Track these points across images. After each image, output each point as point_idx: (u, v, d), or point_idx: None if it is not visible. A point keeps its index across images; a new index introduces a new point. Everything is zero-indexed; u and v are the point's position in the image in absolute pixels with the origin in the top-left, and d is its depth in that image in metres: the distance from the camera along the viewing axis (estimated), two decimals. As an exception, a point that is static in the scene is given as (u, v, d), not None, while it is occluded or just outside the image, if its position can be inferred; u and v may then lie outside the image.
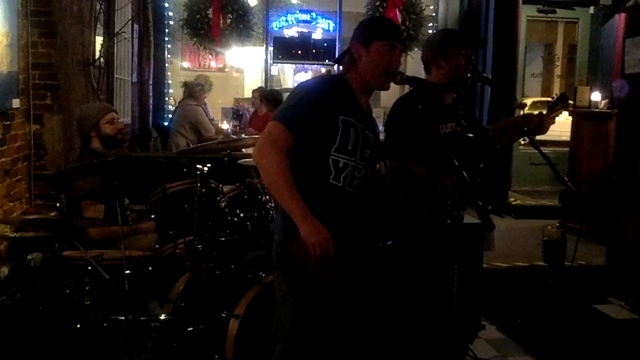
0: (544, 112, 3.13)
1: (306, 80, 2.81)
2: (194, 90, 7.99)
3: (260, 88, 9.05)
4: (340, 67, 2.78)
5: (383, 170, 2.88)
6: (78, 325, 3.22)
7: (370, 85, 2.68)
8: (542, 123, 3.08)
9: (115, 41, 6.61)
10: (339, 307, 2.57)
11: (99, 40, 5.98)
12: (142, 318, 3.26)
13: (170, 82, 9.79)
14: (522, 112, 3.23)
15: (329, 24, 10.44)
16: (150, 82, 8.70)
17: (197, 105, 7.87)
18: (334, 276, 2.48)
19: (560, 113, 3.13)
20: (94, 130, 3.98)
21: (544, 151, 3.00)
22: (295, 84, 3.55)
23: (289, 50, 9.15)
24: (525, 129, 3.00)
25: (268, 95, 7.76)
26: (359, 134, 2.58)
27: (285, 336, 2.59)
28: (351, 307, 2.66)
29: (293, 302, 2.55)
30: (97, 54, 5.83)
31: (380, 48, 2.59)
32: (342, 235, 2.49)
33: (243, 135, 6.78)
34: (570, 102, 3.24)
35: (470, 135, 3.16)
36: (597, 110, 7.49)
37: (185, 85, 8.30)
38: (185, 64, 15.24)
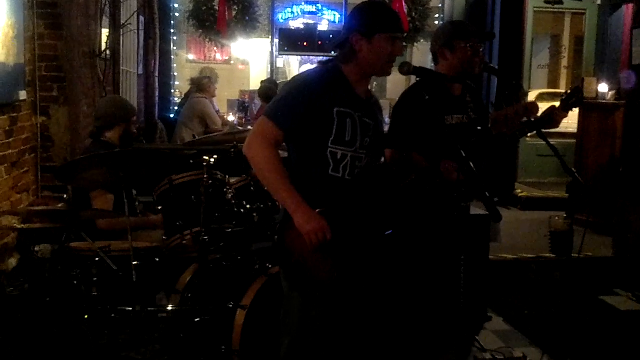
0: (557, 104, 3.08)
1: (301, 73, 2.78)
2: (201, 84, 8.00)
3: (268, 79, 9.06)
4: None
5: (387, 159, 2.88)
6: (86, 316, 3.23)
7: (372, 74, 2.66)
8: (554, 116, 3.03)
9: (121, 33, 6.61)
10: (342, 297, 2.57)
11: (105, 32, 5.99)
12: (149, 309, 3.28)
13: (175, 74, 9.82)
14: (524, 101, 3.18)
15: (334, 15, 10.41)
16: (156, 74, 8.72)
17: (205, 98, 7.88)
18: (332, 265, 2.48)
19: (575, 106, 3.06)
20: (125, 122, 4.01)
21: (550, 142, 2.97)
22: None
23: (294, 42, 9.14)
24: (526, 119, 2.97)
25: (262, 92, 7.96)
26: (357, 123, 2.55)
27: (293, 329, 2.59)
28: (355, 297, 2.66)
29: (299, 295, 2.56)
30: (103, 46, 5.84)
31: (383, 40, 2.54)
32: (341, 224, 2.49)
33: (249, 127, 6.79)
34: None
35: (479, 127, 3.15)
36: (604, 101, 7.47)
37: (192, 81, 8.32)
38: (191, 56, 15.20)
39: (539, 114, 3.05)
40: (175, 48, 9.95)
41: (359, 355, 2.85)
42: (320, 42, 9.01)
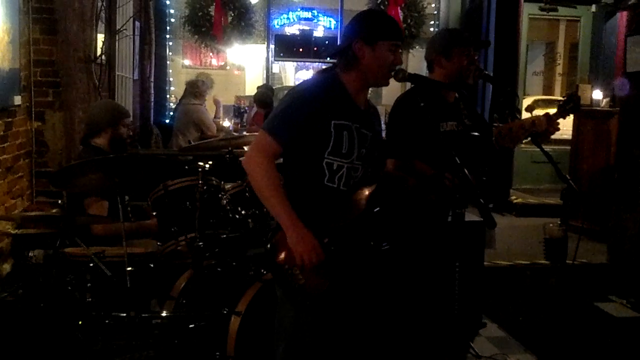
0: (551, 112, 3.07)
1: (299, 84, 2.78)
2: (198, 90, 7.97)
3: (264, 85, 9.07)
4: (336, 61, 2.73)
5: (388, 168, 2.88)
6: (79, 322, 3.23)
7: (371, 83, 2.66)
8: (548, 128, 3.00)
9: (117, 38, 6.61)
10: (334, 306, 2.57)
11: (100, 37, 5.98)
12: (143, 315, 3.26)
13: (171, 79, 9.81)
14: (531, 114, 3.15)
15: (330, 21, 10.46)
16: (152, 79, 8.71)
17: (199, 104, 7.87)
18: (324, 276, 2.47)
19: (572, 112, 3.04)
20: (111, 127, 3.97)
21: (545, 149, 2.98)
22: (297, 82, 3.52)
23: (290, 48, 9.14)
24: (534, 131, 2.96)
25: (257, 98, 8.07)
26: (354, 135, 2.56)
27: (288, 335, 2.59)
28: (349, 306, 2.66)
29: (292, 302, 2.55)
30: (99, 51, 5.82)
31: (385, 48, 2.56)
32: (334, 236, 2.49)
33: (244, 133, 6.79)
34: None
35: (476, 134, 3.14)
36: (598, 108, 7.50)
37: (189, 84, 8.32)
38: (187, 62, 15.21)
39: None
40: (170, 53, 9.95)
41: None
42: (315, 48, 9.02)
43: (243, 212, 3.60)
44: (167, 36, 9.45)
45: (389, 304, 3.12)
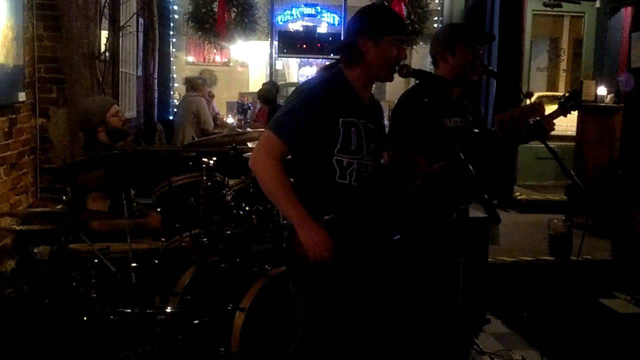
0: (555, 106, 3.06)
1: (305, 83, 2.77)
2: (196, 83, 8.05)
3: (270, 81, 9.08)
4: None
5: (386, 161, 2.88)
6: (84, 318, 3.24)
7: (376, 78, 2.66)
8: (545, 126, 2.98)
9: (121, 35, 6.62)
10: (350, 302, 2.57)
11: (104, 34, 5.99)
12: (148, 311, 3.27)
13: (175, 76, 9.83)
14: (529, 101, 3.17)
15: (334, 17, 10.43)
16: (155, 76, 8.73)
17: (198, 96, 7.92)
18: (341, 272, 2.48)
19: (573, 110, 3.03)
20: (101, 125, 3.98)
21: (549, 145, 2.97)
22: (301, 78, 3.53)
23: (294, 44, 9.13)
24: (531, 121, 2.95)
25: (261, 94, 8.22)
26: (362, 131, 2.56)
27: (300, 333, 2.59)
28: (362, 302, 2.66)
29: (306, 299, 2.56)
30: (103, 48, 5.83)
31: (390, 43, 2.55)
32: (348, 231, 2.49)
33: (248, 129, 6.81)
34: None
35: (476, 130, 3.14)
36: (603, 104, 7.47)
37: (186, 80, 8.37)
38: (190, 58, 15.21)
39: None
40: (174, 50, 9.97)
41: (363, 357, 2.85)
42: (319, 45, 9.00)
43: (247, 208, 3.60)
44: (171, 33, 9.47)
45: (395, 300, 3.13)
